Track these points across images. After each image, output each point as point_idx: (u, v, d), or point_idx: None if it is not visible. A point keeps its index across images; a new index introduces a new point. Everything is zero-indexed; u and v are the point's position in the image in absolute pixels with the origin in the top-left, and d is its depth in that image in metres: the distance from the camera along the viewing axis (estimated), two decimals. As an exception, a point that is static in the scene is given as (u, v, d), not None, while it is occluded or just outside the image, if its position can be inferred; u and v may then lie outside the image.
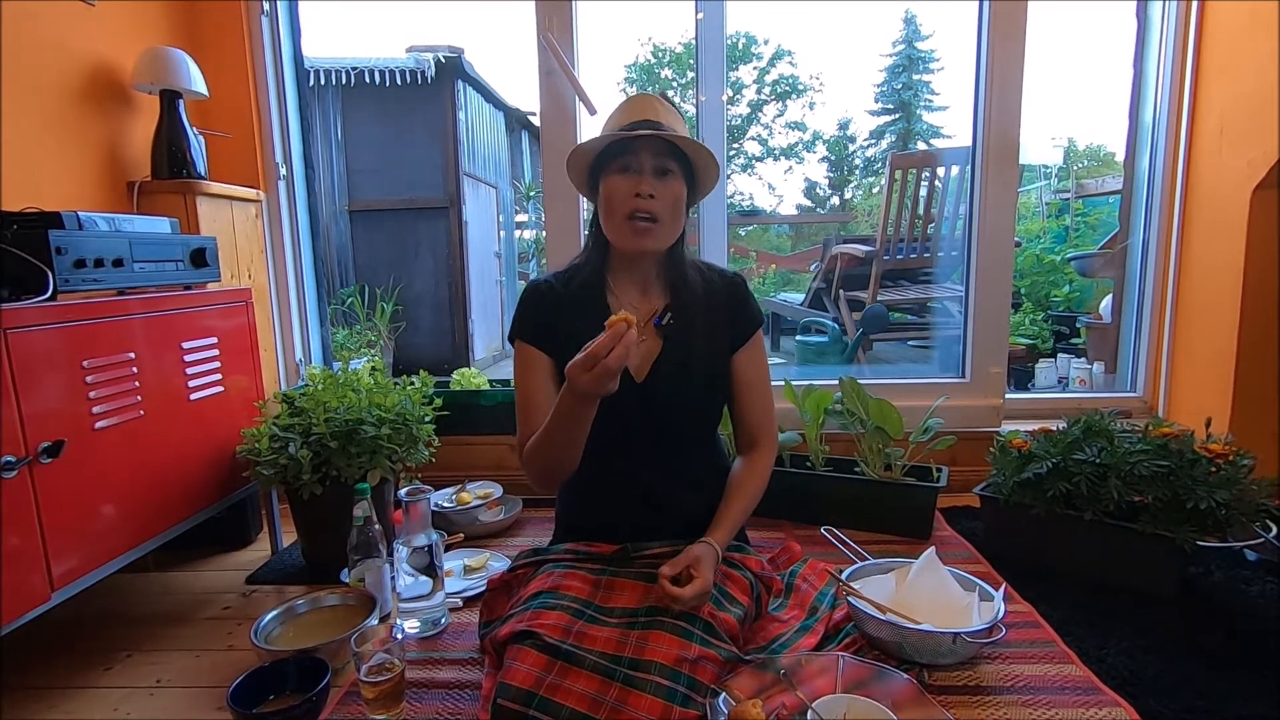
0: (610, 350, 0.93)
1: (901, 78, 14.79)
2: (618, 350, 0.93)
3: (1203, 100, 1.90)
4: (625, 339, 0.94)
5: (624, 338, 0.94)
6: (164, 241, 1.45)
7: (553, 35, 1.96)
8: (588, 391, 0.97)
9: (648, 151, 1.14)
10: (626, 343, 0.94)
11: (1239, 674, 1.10)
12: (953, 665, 1.13)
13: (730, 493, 1.22)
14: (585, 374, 0.94)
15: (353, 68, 5.33)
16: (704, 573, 1.05)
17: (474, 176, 5.90)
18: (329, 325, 2.35)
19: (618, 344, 0.93)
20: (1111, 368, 2.31)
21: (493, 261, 6.43)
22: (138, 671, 1.23)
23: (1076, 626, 1.25)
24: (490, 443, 2.07)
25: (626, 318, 0.95)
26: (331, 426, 1.48)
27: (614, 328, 0.94)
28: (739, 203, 11.62)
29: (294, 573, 1.58)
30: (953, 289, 3.16)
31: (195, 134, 1.80)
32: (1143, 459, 1.35)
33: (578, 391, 0.98)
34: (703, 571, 1.05)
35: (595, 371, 0.94)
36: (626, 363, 0.96)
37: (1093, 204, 4.01)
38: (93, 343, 1.21)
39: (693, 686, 0.94)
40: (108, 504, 1.24)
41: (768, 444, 1.28)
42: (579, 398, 1.00)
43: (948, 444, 1.71)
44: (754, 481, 1.24)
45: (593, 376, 0.94)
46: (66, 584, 1.15)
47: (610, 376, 0.95)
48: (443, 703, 1.09)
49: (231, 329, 1.58)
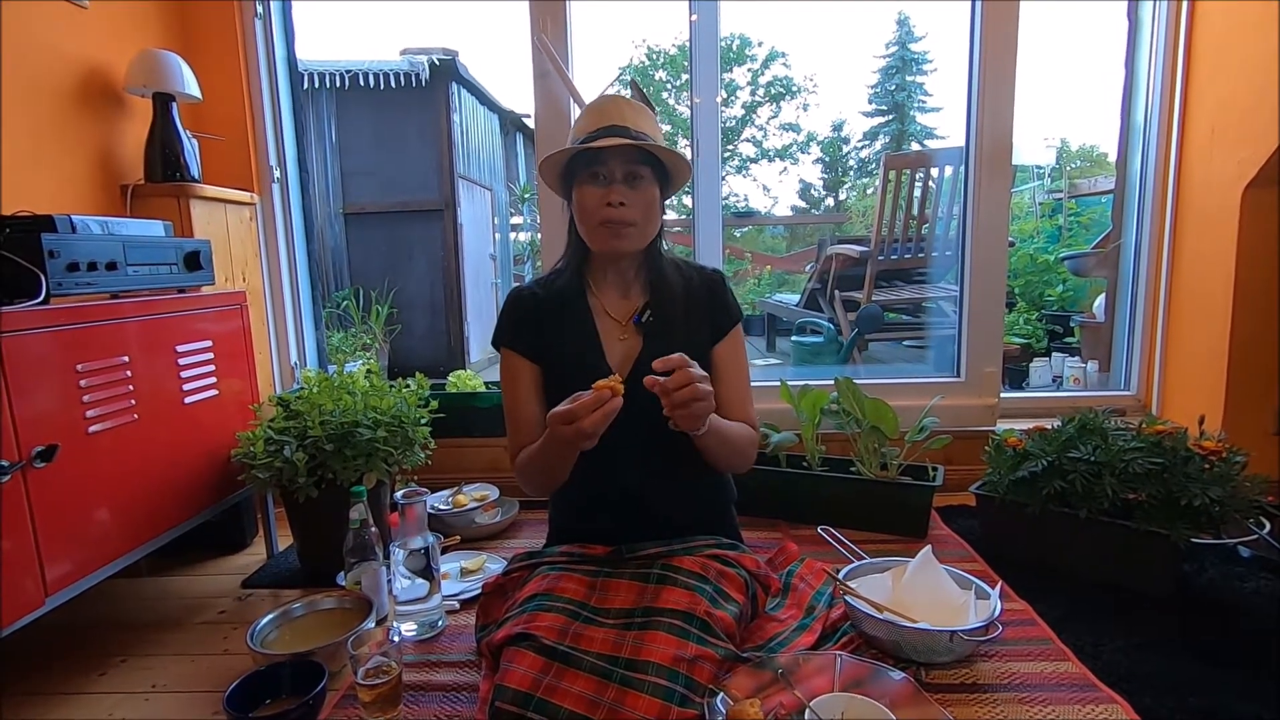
0: (590, 413, 0.95)
1: (895, 79, 14.84)
2: (595, 416, 0.96)
3: (1194, 100, 1.92)
4: (607, 407, 0.96)
5: (606, 406, 0.96)
6: (157, 245, 1.44)
7: (547, 37, 1.96)
8: (566, 441, 1.00)
9: (616, 160, 1.14)
10: (607, 411, 0.96)
11: (1234, 670, 1.10)
12: (949, 663, 1.13)
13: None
14: (564, 427, 0.97)
15: (346, 70, 5.32)
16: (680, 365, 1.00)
17: (469, 179, 5.90)
18: (324, 328, 2.35)
19: (598, 411, 0.96)
20: (1105, 366, 2.32)
21: (488, 264, 6.43)
22: (132, 676, 1.23)
23: (1072, 624, 1.25)
24: (486, 445, 2.06)
25: (614, 386, 0.97)
26: (327, 429, 1.48)
27: (599, 393, 0.96)
28: (734, 204, 11.65)
29: (290, 576, 1.58)
30: (947, 289, 3.17)
31: (189, 137, 1.80)
32: (1137, 457, 1.35)
33: (556, 438, 1.01)
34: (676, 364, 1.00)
35: (571, 430, 0.96)
36: (603, 428, 0.97)
37: (1085, 204, 4.03)
38: (86, 346, 1.20)
39: (690, 686, 0.94)
40: (102, 508, 1.23)
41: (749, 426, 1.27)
42: (560, 444, 1.03)
43: (943, 443, 1.72)
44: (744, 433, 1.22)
45: (571, 431, 0.97)
46: (60, 589, 1.14)
47: (586, 438, 0.97)
48: (440, 705, 1.08)
49: (226, 332, 1.57)
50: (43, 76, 1.57)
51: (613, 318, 1.24)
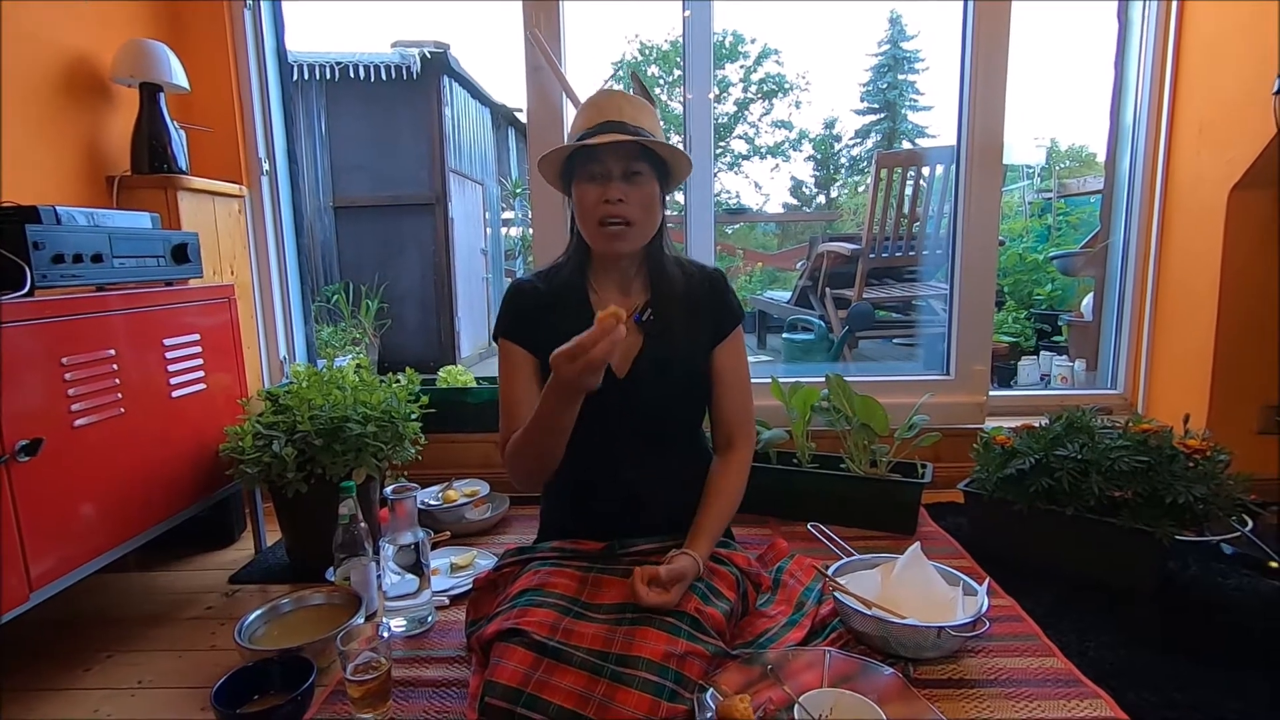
0: (597, 343, 0.93)
1: (887, 77, 14.89)
2: (603, 344, 0.93)
3: (1182, 101, 1.93)
4: (613, 335, 0.93)
5: (612, 334, 0.93)
6: (144, 237, 1.43)
7: (540, 32, 1.95)
8: (570, 382, 0.97)
9: (614, 156, 1.12)
10: (614, 339, 0.93)
11: (1217, 665, 1.12)
12: (937, 659, 1.14)
13: (709, 498, 1.21)
14: (569, 364, 0.94)
15: (337, 62, 5.28)
16: (674, 592, 1.05)
17: (460, 173, 5.87)
18: (313, 322, 2.33)
19: (605, 339, 0.93)
20: (1092, 365, 2.34)
21: (479, 259, 6.41)
22: (119, 672, 1.22)
23: (1058, 620, 1.26)
24: (476, 440, 2.06)
25: (616, 313, 0.94)
26: (316, 424, 1.47)
27: (604, 322, 0.94)
28: (726, 201, 11.64)
29: (278, 571, 1.57)
30: (937, 287, 3.19)
31: (176, 128, 1.78)
32: (1123, 455, 1.37)
33: (561, 382, 0.98)
34: (673, 591, 1.05)
35: (579, 364, 0.94)
36: (612, 359, 0.96)
37: (1074, 203, 4.07)
38: (72, 339, 1.19)
39: (680, 682, 0.94)
40: (87, 503, 1.22)
41: (744, 442, 1.27)
42: (562, 391, 0.99)
43: (932, 440, 1.73)
44: (732, 482, 1.23)
45: (577, 368, 0.94)
46: (45, 584, 1.13)
47: (594, 370, 0.95)
48: (429, 701, 1.08)
49: (214, 326, 1.56)
50: (28, 66, 1.55)
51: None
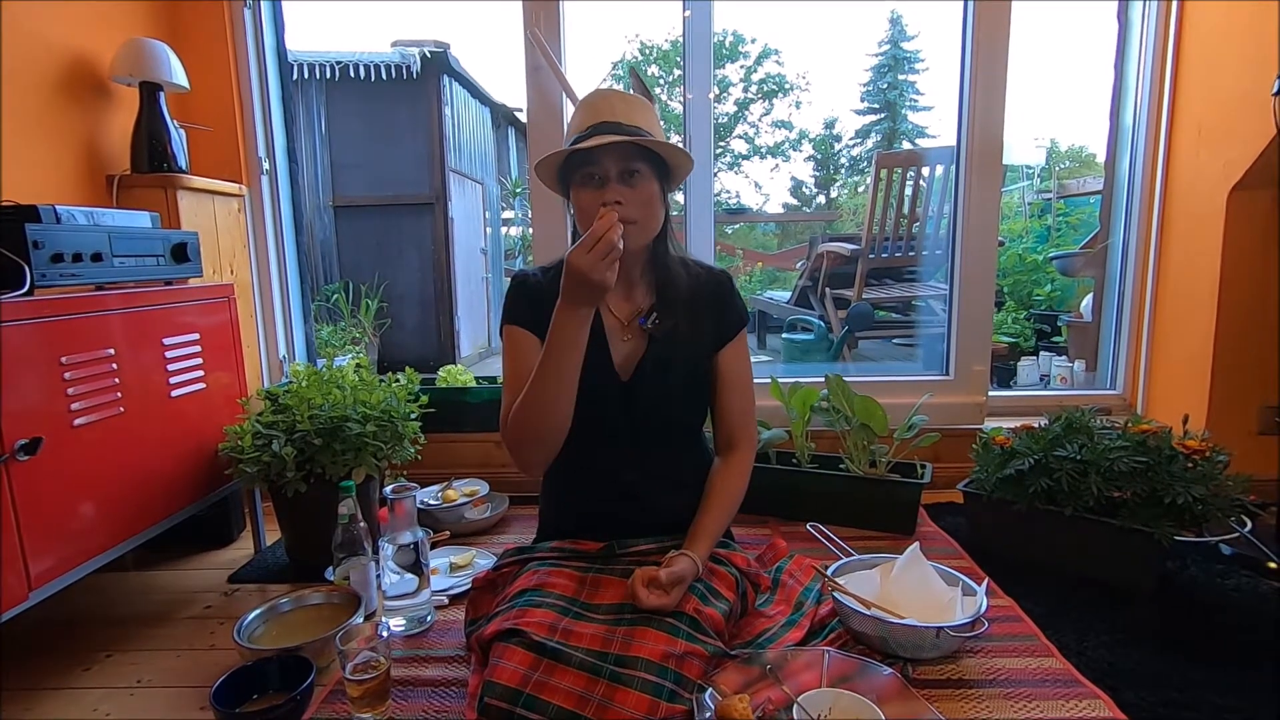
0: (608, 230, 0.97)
1: (887, 77, 14.88)
2: (616, 231, 0.97)
3: (1181, 102, 1.93)
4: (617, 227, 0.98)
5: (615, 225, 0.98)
6: (144, 236, 1.43)
7: (540, 32, 1.95)
8: (585, 275, 0.97)
9: (610, 157, 1.11)
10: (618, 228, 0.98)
11: (1215, 666, 1.12)
12: (936, 659, 1.14)
13: (710, 499, 1.21)
14: (585, 255, 0.97)
15: (337, 61, 5.28)
16: (673, 594, 1.05)
17: (460, 173, 5.86)
18: (312, 322, 2.33)
19: (611, 228, 0.97)
20: (1092, 365, 2.34)
21: (479, 258, 6.40)
22: (118, 671, 1.22)
23: (1057, 620, 1.26)
24: (476, 440, 2.06)
25: (605, 215, 0.99)
26: (316, 424, 1.47)
27: (605, 217, 0.98)
28: (725, 201, 11.65)
29: (278, 571, 1.57)
30: (937, 287, 3.19)
31: (176, 127, 1.78)
32: (1122, 455, 1.37)
33: (575, 278, 0.99)
34: (673, 593, 1.05)
35: (596, 250, 0.96)
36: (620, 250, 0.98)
37: (1074, 204, 4.06)
38: (71, 339, 1.19)
39: (679, 682, 0.94)
40: (87, 502, 1.22)
41: (746, 445, 1.27)
42: (576, 296, 1.01)
43: (931, 441, 1.73)
44: (733, 484, 1.23)
45: (594, 255, 0.96)
46: (45, 583, 1.13)
47: (609, 256, 0.97)
48: (429, 700, 1.08)
49: (213, 325, 1.56)
50: (27, 65, 1.55)
51: (616, 317, 1.22)
